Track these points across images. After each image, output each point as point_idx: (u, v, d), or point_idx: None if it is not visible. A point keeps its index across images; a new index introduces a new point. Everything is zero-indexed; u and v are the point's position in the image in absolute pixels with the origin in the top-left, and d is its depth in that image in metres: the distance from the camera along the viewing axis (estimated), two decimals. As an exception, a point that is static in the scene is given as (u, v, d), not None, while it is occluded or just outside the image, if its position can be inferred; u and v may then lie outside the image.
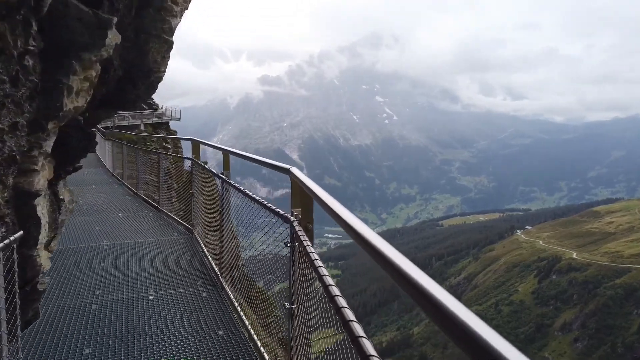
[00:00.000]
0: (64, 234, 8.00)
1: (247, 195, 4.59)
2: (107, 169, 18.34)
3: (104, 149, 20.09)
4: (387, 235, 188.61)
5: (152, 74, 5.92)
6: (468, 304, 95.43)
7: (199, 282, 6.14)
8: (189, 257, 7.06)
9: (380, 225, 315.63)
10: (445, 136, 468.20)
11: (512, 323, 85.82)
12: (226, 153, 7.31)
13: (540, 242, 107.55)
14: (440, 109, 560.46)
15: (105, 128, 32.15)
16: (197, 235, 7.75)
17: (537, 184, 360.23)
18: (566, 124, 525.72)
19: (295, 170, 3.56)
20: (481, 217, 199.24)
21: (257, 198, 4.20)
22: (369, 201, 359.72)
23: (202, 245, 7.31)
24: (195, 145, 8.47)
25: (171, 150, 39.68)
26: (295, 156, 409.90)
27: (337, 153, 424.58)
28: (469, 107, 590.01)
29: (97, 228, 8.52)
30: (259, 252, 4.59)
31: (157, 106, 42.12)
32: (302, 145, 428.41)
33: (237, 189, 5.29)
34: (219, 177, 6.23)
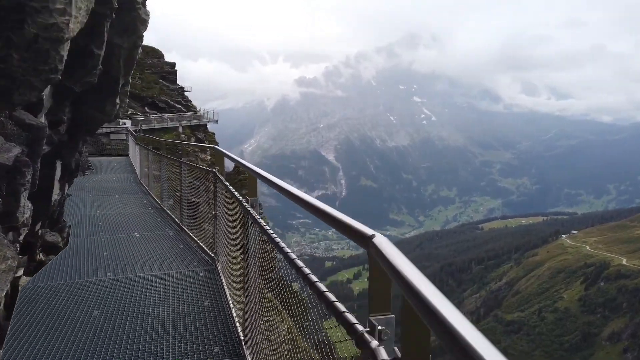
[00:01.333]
0: (63, 264, 6.66)
1: (278, 247, 2.69)
2: (136, 175, 17.30)
3: (135, 153, 19.13)
4: (425, 238, 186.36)
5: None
6: (509, 310, 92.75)
7: (216, 349, 4.57)
8: (206, 303, 5.51)
9: (418, 227, 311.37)
10: (485, 137, 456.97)
11: (557, 331, 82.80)
12: (254, 176, 4.42)
13: (587, 248, 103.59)
14: (480, 109, 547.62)
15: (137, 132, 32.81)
16: (219, 268, 6.28)
17: (583, 186, 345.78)
18: (615, 123, 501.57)
19: (218, 148, 6.40)
20: (523, 221, 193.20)
21: (292, 257, 2.34)
22: (405, 203, 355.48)
23: (224, 285, 5.78)
24: (218, 155, 6.82)
25: (208, 152, 40.30)
26: (331, 157, 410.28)
27: (374, 154, 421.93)
28: (511, 107, 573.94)
29: (105, 254, 7.11)
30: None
31: (195, 108, 42.78)
32: (338, 146, 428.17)
33: (265, 232, 3.17)
34: (242, 206, 4.23)
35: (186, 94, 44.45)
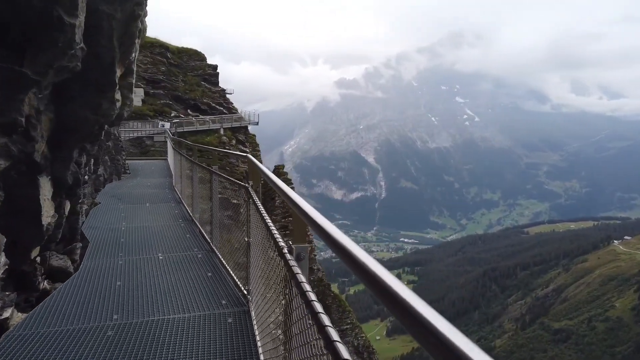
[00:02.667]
0: (63, 300, 5.19)
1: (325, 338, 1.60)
2: (172, 180, 15.96)
3: (171, 156, 17.93)
4: (467, 242, 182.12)
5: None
6: (557, 317, 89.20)
7: None
8: None
9: (460, 231, 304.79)
10: (531, 138, 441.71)
11: (608, 341, 79.13)
12: (294, 209, 2.48)
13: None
14: (526, 109, 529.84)
15: (180, 136, 33.19)
16: (253, 314, 4.79)
17: (637, 190, 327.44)
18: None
19: (250, 156, 5.12)
20: (572, 225, 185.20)
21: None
22: (447, 206, 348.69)
23: (257, 338, 4.36)
24: (254, 169, 4.92)
25: (249, 154, 40.94)
26: (371, 159, 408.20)
27: (414, 156, 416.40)
28: (559, 107, 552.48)
29: (118, 284, 5.75)
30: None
31: (237, 110, 43.47)
32: (378, 147, 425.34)
33: (308, 306, 1.92)
34: (281, 255, 2.53)
35: (228, 96, 45.24)
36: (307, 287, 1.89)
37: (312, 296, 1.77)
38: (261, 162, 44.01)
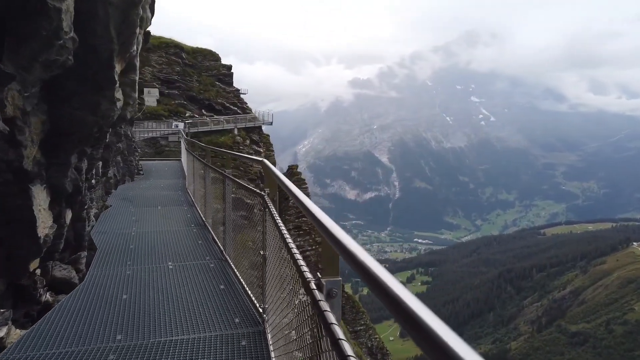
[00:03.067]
0: (63, 317, 4.75)
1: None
2: (186, 181, 15.47)
3: (185, 157, 17.53)
4: (482, 243, 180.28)
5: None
6: (574, 320, 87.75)
7: None
8: None
9: (475, 231, 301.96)
10: (548, 138, 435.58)
11: (627, 345, 77.72)
12: (319, 228, 2.09)
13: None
14: (543, 109, 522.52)
15: (195, 136, 33.25)
16: (269, 337, 4.31)
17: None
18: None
19: (266, 161, 4.59)
20: (590, 227, 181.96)
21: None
22: (462, 206, 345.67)
23: None
24: (270, 176, 4.37)
25: (263, 155, 40.96)
26: (384, 159, 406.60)
27: (429, 156, 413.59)
28: (577, 107, 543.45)
29: (124, 297, 5.32)
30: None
31: (251, 110, 43.57)
32: (392, 147, 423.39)
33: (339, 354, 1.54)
34: (308, 292, 1.99)
35: (242, 96, 45.40)
36: (340, 332, 1.51)
37: (347, 348, 1.39)
38: (275, 162, 44.01)
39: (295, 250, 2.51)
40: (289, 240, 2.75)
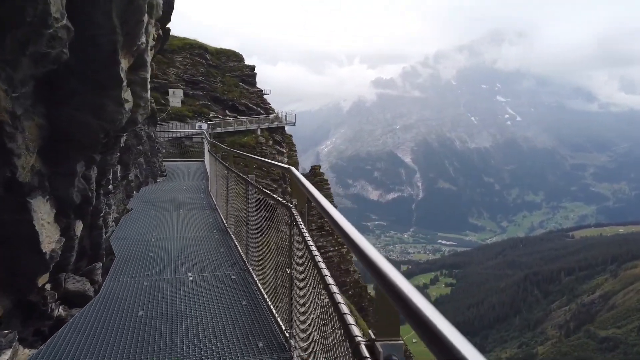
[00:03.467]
0: (75, 340, 4.32)
1: None
2: (209, 183, 15.17)
3: (207, 159, 17.28)
4: (508, 245, 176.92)
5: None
6: (603, 325, 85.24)
7: None
8: None
9: (500, 233, 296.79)
10: (577, 138, 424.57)
11: (660, 352, 74.59)
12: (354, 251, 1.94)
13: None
14: (571, 108, 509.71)
15: (218, 136, 32.62)
16: None
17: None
18: None
19: (293, 170, 4.13)
20: (621, 229, 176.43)
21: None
22: (487, 207, 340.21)
23: None
24: (299, 188, 3.78)
25: (286, 155, 40.97)
26: (407, 159, 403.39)
27: (453, 156, 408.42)
28: (608, 106, 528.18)
29: (140, 314, 4.97)
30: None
31: (274, 111, 43.67)
32: (415, 148, 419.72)
33: None
34: (351, 345, 1.59)
35: (265, 96, 45.57)
36: None
37: None
38: (297, 162, 44.03)
39: (333, 286, 2.02)
40: (327, 275, 2.20)
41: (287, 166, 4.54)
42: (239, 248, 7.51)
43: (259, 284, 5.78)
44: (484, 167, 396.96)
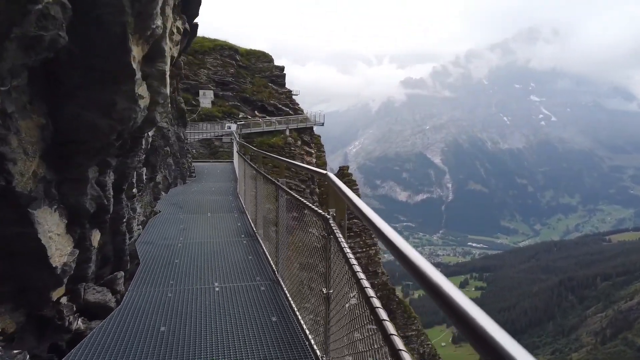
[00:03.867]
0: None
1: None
2: (237, 185, 14.83)
3: (237, 160, 16.83)
4: (542, 249, 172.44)
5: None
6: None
7: None
8: None
9: (533, 236, 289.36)
10: (615, 139, 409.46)
11: None
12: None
13: None
14: (609, 108, 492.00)
15: (247, 137, 33.01)
16: None
17: None
18: None
19: (331, 175, 3.74)
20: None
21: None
22: (520, 210, 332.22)
23: None
24: (337, 196, 3.42)
25: (314, 155, 41.03)
26: (437, 160, 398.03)
27: (484, 157, 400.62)
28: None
29: (162, 329, 4.66)
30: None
31: (302, 111, 43.78)
32: (445, 148, 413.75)
33: None
34: None
35: (293, 97, 45.81)
36: None
37: None
38: (325, 163, 44.04)
39: (391, 331, 1.72)
40: (378, 306, 1.90)
41: (324, 172, 4.12)
42: (269, 256, 7.18)
43: (290, 298, 5.37)
44: (516, 168, 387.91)
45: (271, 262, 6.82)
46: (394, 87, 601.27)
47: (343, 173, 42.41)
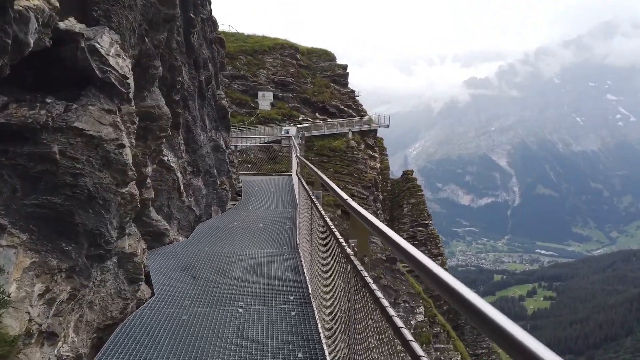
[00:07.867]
0: None
1: None
2: (296, 210, 10.96)
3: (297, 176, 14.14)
4: (619, 258, 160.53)
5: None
6: None
7: None
8: None
9: (609, 244, 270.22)
10: None
11: None
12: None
13: None
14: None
15: (308, 140, 31.61)
16: None
17: None
18: None
19: (350, 201, 3.30)
20: None
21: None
22: (594, 216, 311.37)
23: None
24: (357, 223, 3.04)
25: (378, 160, 39.54)
26: (503, 163, 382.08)
27: (554, 160, 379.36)
28: None
29: None
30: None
31: (366, 113, 42.13)
32: (512, 151, 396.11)
33: None
34: None
35: (356, 97, 44.14)
36: None
37: None
38: (388, 167, 42.69)
39: None
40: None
41: (345, 196, 3.69)
42: (306, 274, 6.14)
43: (320, 329, 4.60)
44: (590, 172, 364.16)
45: (307, 280, 6.01)
46: (457, 87, 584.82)
47: (407, 177, 40.97)
